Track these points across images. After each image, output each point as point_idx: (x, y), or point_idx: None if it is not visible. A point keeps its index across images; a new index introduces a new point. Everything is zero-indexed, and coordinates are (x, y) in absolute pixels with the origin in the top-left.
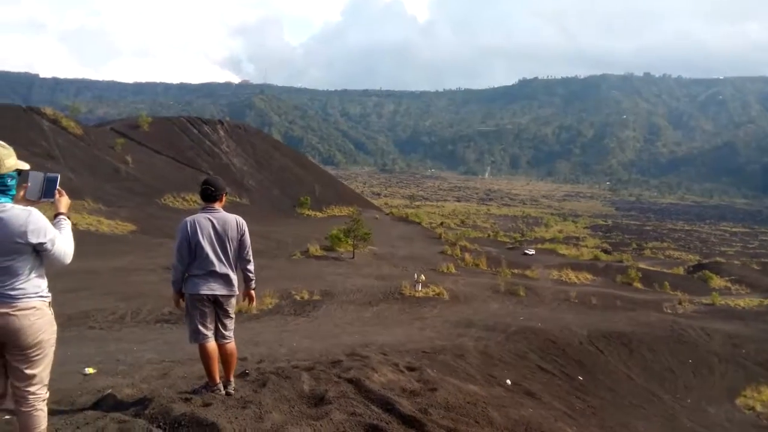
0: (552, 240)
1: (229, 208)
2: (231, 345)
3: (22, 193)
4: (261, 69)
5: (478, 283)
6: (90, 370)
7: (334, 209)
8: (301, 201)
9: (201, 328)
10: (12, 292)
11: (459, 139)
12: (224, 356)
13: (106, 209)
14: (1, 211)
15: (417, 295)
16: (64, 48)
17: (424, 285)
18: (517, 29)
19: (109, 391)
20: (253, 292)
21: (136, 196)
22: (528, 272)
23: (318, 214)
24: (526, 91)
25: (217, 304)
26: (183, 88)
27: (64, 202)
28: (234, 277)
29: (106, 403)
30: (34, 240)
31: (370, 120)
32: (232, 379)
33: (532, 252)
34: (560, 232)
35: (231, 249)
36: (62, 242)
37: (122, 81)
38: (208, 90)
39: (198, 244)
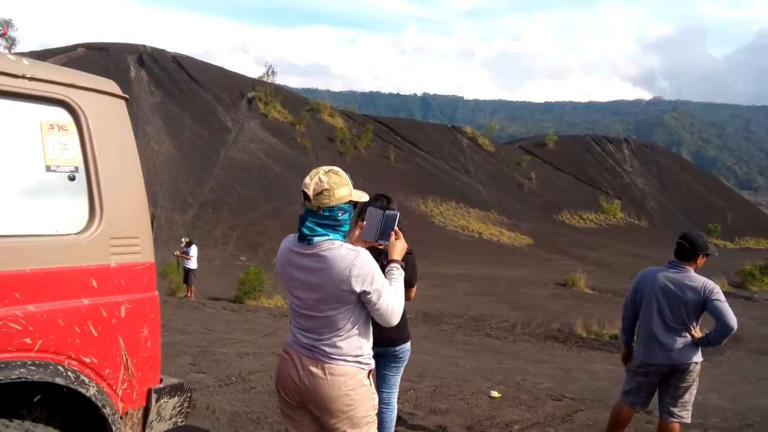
0: None
1: (625, 229)
2: (674, 425)
3: (357, 232)
4: (676, 85)
5: None
6: (495, 394)
7: (748, 240)
8: (710, 228)
9: (628, 390)
10: (328, 350)
11: None
12: None
13: (508, 221)
14: (328, 249)
15: None
16: (486, 73)
17: None
18: None
19: (517, 427)
20: None
21: (535, 211)
22: None
23: (728, 244)
24: None
25: (668, 374)
26: (590, 106)
27: (399, 246)
28: (687, 344)
29: None
30: (357, 287)
31: None
32: None
33: None
34: None
35: (686, 315)
36: (390, 296)
37: (533, 101)
38: (615, 108)
39: (643, 301)
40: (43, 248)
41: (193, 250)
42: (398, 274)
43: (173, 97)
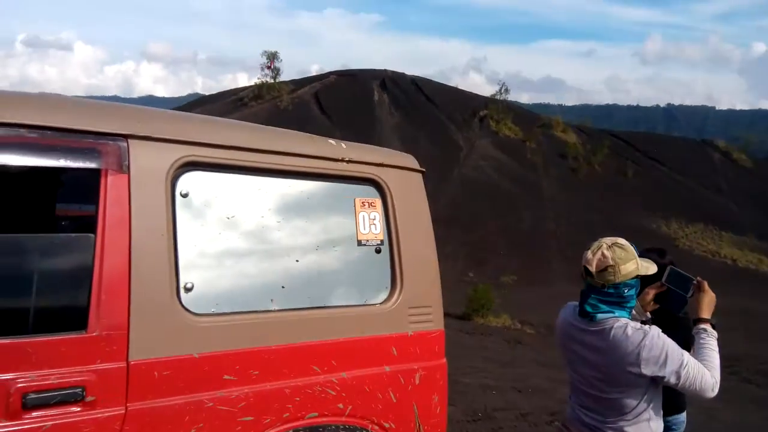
0: None
1: None
2: None
3: (650, 299)
4: None
5: None
6: None
7: None
8: None
9: None
10: None
11: None
12: None
13: None
14: (612, 327)
15: None
16: (743, 80)
17: None
18: None
19: None
20: None
21: None
22: None
23: None
24: None
25: None
26: None
27: (707, 300)
28: None
29: None
30: (647, 371)
31: None
32: None
33: None
34: None
35: None
36: (693, 373)
37: None
38: None
39: None
40: (355, 318)
41: None
42: (707, 337)
43: (410, 117)
